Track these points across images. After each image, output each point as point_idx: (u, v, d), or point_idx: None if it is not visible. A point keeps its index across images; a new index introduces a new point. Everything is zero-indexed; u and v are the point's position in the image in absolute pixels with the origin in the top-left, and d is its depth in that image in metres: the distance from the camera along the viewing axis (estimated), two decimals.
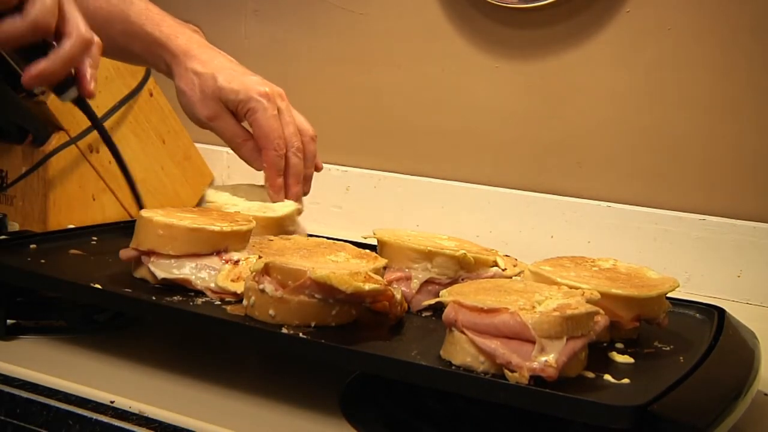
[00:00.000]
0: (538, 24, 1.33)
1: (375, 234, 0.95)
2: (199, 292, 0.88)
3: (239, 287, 0.85)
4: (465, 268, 0.90)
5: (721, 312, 0.88)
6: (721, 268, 1.21)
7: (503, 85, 1.36)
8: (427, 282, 0.90)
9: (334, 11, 1.47)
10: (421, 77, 1.42)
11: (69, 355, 0.88)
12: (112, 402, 0.78)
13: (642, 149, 1.28)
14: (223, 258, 0.90)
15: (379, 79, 1.46)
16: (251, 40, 1.55)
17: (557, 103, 1.33)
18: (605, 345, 0.80)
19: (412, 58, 1.42)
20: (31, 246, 1.00)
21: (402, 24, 1.42)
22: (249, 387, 0.82)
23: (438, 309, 0.86)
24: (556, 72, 1.32)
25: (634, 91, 1.27)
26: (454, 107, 1.40)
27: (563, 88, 1.32)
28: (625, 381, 0.70)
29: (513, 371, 0.66)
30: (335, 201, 1.48)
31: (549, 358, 0.66)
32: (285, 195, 1.07)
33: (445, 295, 0.74)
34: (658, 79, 1.26)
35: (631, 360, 0.76)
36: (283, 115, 1.06)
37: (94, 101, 1.26)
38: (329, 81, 1.49)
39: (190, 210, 0.99)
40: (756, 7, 1.19)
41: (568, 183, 1.33)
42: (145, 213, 0.91)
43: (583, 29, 1.29)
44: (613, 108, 1.29)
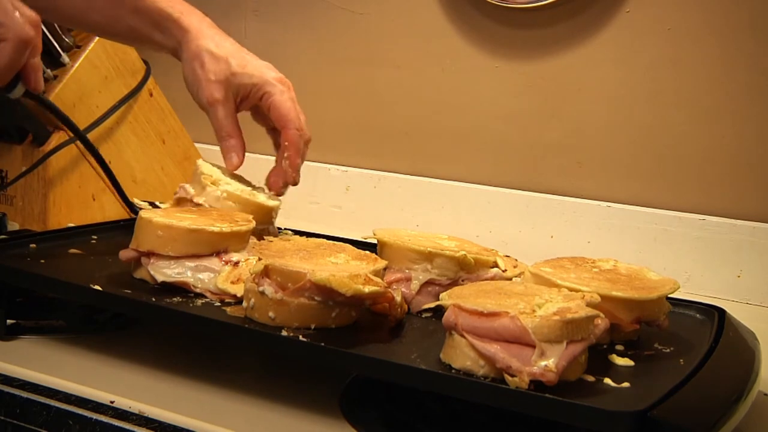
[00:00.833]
0: (538, 24, 1.32)
1: (375, 234, 0.94)
2: (199, 293, 0.88)
3: (239, 290, 0.85)
4: (465, 269, 0.90)
5: (722, 312, 0.88)
6: (721, 268, 1.21)
7: (503, 85, 1.36)
8: (427, 283, 0.89)
9: (334, 11, 1.47)
10: (421, 77, 1.42)
11: (69, 355, 0.88)
12: (112, 402, 0.78)
13: (642, 149, 1.28)
14: (223, 259, 0.90)
15: (379, 79, 1.45)
16: (251, 40, 1.54)
17: (557, 103, 1.33)
18: (605, 347, 0.80)
19: (412, 58, 1.42)
20: (31, 245, 1.00)
21: (402, 24, 1.42)
22: (249, 387, 0.82)
23: (438, 310, 0.86)
24: (556, 72, 1.32)
25: (634, 91, 1.27)
26: (454, 107, 1.40)
27: (563, 88, 1.32)
28: (625, 385, 0.70)
29: (513, 376, 0.66)
30: (335, 201, 1.47)
31: (549, 362, 0.66)
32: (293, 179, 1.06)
33: (445, 299, 0.74)
34: (657, 79, 1.26)
35: (631, 363, 0.76)
36: (296, 104, 1.06)
37: (95, 101, 1.28)
38: (329, 81, 1.49)
39: (189, 210, 0.99)
40: (755, 7, 1.19)
41: (568, 183, 1.33)
42: (145, 213, 0.91)
43: (583, 29, 1.29)
44: (613, 108, 1.29)
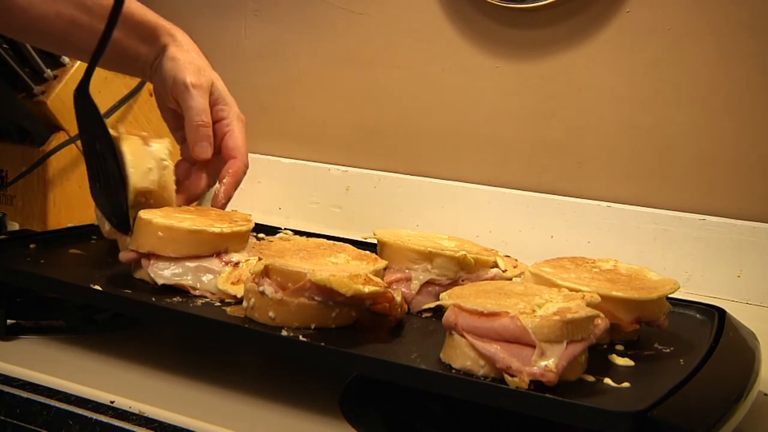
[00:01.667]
0: (538, 24, 1.32)
1: (375, 234, 0.94)
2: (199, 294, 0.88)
3: (239, 290, 0.85)
4: (465, 269, 0.90)
5: (722, 312, 0.88)
6: (721, 268, 1.21)
7: (503, 85, 1.36)
8: (427, 283, 0.89)
9: (334, 11, 1.47)
10: (421, 77, 1.42)
11: (69, 355, 0.88)
12: (112, 402, 0.78)
13: (642, 149, 1.28)
14: (223, 260, 0.90)
15: (379, 79, 1.45)
16: (251, 40, 1.54)
17: (557, 103, 1.33)
18: (605, 347, 0.80)
19: (412, 58, 1.42)
20: (31, 246, 1.00)
21: (402, 24, 1.42)
22: (249, 387, 0.82)
23: (438, 310, 0.86)
24: (556, 72, 1.32)
25: (634, 91, 1.27)
26: (454, 107, 1.40)
27: (563, 88, 1.32)
28: (625, 385, 0.70)
29: (513, 376, 0.66)
30: (335, 201, 1.47)
31: (549, 362, 0.66)
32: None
33: (445, 299, 0.74)
34: (657, 79, 1.26)
35: (631, 363, 0.76)
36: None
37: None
38: (329, 81, 1.49)
39: (188, 210, 0.99)
40: (755, 7, 1.19)
41: (568, 183, 1.32)
42: (145, 214, 0.91)
43: (583, 29, 1.29)
44: (613, 108, 1.29)
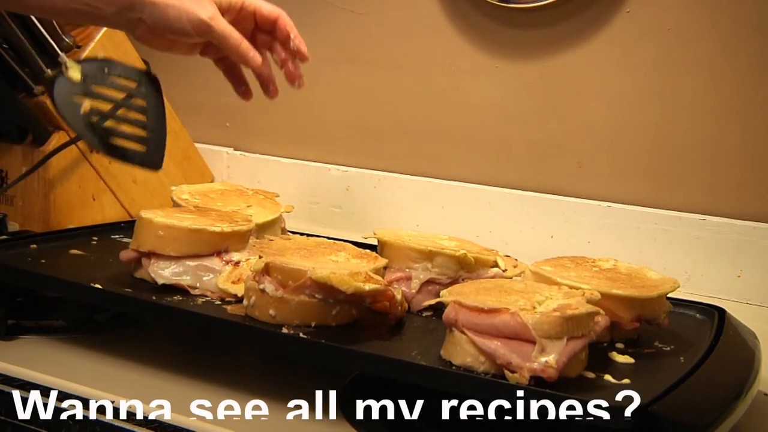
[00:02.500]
0: (538, 24, 1.32)
1: (375, 234, 0.95)
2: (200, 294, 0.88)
3: (240, 290, 0.85)
4: (465, 268, 0.90)
5: (722, 312, 0.88)
6: (721, 268, 1.21)
7: (503, 85, 1.36)
8: (428, 282, 0.90)
9: (334, 11, 1.47)
10: (421, 77, 1.42)
11: (69, 355, 0.88)
12: (112, 402, 0.78)
13: (642, 149, 1.28)
14: (224, 259, 0.90)
15: (379, 79, 1.45)
16: None
17: (557, 103, 1.33)
18: (605, 345, 0.80)
19: (412, 58, 1.42)
20: (32, 246, 1.00)
21: (402, 24, 1.42)
22: (249, 387, 0.81)
23: (438, 308, 0.86)
24: (556, 72, 1.32)
25: (634, 91, 1.27)
26: (454, 107, 1.40)
27: (563, 88, 1.32)
28: (626, 381, 0.70)
29: (513, 372, 0.66)
30: (335, 201, 1.47)
31: (549, 358, 0.66)
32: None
33: (446, 295, 0.74)
34: (658, 79, 1.26)
35: (632, 360, 0.77)
36: None
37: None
38: (329, 81, 1.49)
39: (189, 210, 0.99)
40: (756, 7, 1.19)
41: (568, 183, 1.32)
42: (145, 214, 0.91)
43: (583, 29, 1.29)
44: (613, 108, 1.29)
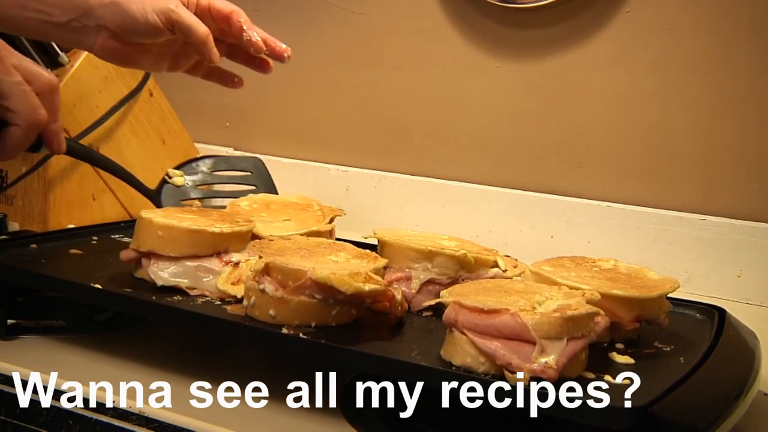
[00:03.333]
0: (538, 24, 1.32)
1: (375, 234, 0.95)
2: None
3: (239, 291, 0.85)
4: (465, 268, 0.90)
5: (722, 312, 0.88)
6: (721, 268, 1.21)
7: (503, 85, 1.36)
8: (428, 282, 0.90)
9: (334, 11, 1.47)
10: (421, 77, 1.42)
11: (69, 355, 0.89)
12: (112, 402, 0.78)
13: (642, 149, 1.28)
14: (224, 260, 0.90)
15: (379, 79, 1.45)
16: None
17: (557, 103, 1.33)
18: (605, 345, 0.80)
19: (412, 58, 1.42)
20: (32, 246, 1.00)
21: (402, 24, 1.42)
22: (249, 387, 0.82)
23: (438, 309, 0.86)
24: (556, 72, 1.32)
25: (634, 91, 1.27)
26: (454, 107, 1.40)
27: (563, 88, 1.32)
28: (626, 381, 0.70)
29: (513, 372, 0.66)
30: (335, 201, 1.47)
31: (549, 359, 0.66)
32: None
33: (446, 296, 0.74)
34: (658, 79, 1.26)
35: (632, 360, 0.76)
36: None
37: (95, 101, 1.28)
38: (329, 81, 1.49)
39: (189, 210, 0.99)
40: (756, 6, 1.19)
41: (568, 183, 1.32)
42: (145, 214, 0.91)
43: (583, 29, 1.29)
44: (613, 108, 1.29)
